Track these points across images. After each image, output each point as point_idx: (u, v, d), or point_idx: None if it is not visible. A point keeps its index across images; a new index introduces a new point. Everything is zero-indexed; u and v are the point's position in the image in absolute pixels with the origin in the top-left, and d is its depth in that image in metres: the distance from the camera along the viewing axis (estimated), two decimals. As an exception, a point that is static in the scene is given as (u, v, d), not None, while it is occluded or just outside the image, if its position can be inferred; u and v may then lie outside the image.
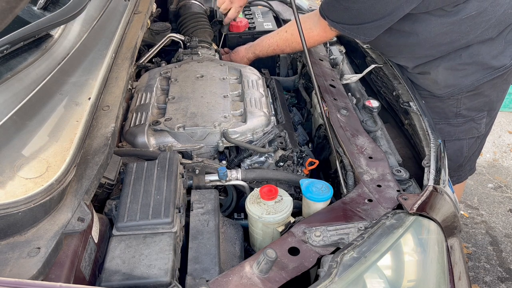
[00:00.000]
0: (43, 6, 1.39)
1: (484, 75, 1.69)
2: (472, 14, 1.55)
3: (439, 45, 1.64)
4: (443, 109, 1.80)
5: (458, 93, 1.74)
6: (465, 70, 1.69)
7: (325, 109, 1.50)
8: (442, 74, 1.71)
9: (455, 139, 1.87)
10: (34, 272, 0.84)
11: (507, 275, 2.46)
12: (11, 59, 1.19)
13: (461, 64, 1.67)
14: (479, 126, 1.86)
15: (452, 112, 1.80)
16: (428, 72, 1.74)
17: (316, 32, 1.77)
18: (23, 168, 0.96)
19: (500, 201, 2.96)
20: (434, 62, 1.70)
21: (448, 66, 1.69)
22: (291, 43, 1.87)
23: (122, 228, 1.07)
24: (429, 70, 1.73)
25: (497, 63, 1.67)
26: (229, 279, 0.95)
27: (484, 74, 1.69)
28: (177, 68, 1.78)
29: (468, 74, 1.69)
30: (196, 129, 1.44)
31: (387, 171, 1.28)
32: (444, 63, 1.69)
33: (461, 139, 1.88)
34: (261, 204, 1.18)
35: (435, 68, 1.71)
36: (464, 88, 1.73)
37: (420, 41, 1.64)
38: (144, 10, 1.83)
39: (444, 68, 1.70)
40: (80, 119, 1.12)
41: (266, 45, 1.95)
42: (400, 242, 1.04)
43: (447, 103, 1.78)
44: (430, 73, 1.73)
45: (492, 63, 1.67)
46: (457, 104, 1.78)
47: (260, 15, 2.33)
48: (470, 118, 1.82)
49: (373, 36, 1.64)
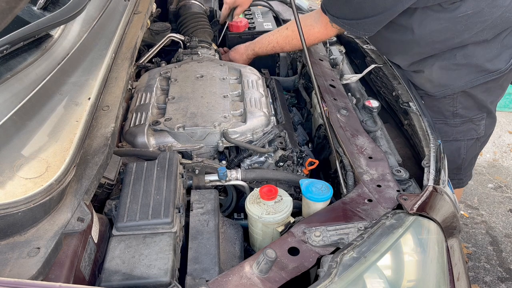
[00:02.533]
0: (43, 6, 1.39)
1: (477, 77, 1.68)
2: (468, 13, 1.54)
3: (434, 42, 1.64)
4: (440, 108, 1.79)
5: (451, 93, 1.74)
6: (459, 71, 1.68)
7: (325, 109, 1.50)
8: (436, 73, 1.71)
9: (452, 139, 1.85)
10: (34, 272, 0.84)
11: (507, 275, 2.46)
12: (11, 59, 1.19)
13: (455, 64, 1.66)
14: (478, 127, 1.84)
15: (449, 112, 1.79)
16: (422, 70, 1.74)
17: (317, 29, 1.77)
18: (22, 168, 0.96)
19: (500, 201, 2.96)
20: (429, 61, 1.70)
21: (442, 66, 1.68)
22: (291, 40, 1.87)
23: (122, 228, 1.07)
24: (423, 68, 1.73)
25: (492, 66, 1.66)
26: (229, 279, 0.95)
27: (478, 76, 1.68)
28: (177, 68, 1.78)
29: (461, 75, 1.68)
30: (196, 129, 1.44)
31: (387, 171, 1.28)
32: (439, 62, 1.68)
33: (459, 140, 1.86)
34: (261, 204, 1.18)
35: (429, 66, 1.71)
36: (457, 89, 1.71)
37: (415, 38, 1.64)
38: (144, 10, 1.83)
39: (438, 67, 1.69)
40: (79, 119, 1.12)
41: (266, 42, 1.95)
42: (400, 242, 1.04)
43: (443, 102, 1.77)
44: (424, 71, 1.73)
45: (486, 66, 1.66)
46: (453, 103, 1.77)
47: (260, 15, 2.33)
48: (468, 118, 1.81)
49: (372, 32, 1.63)
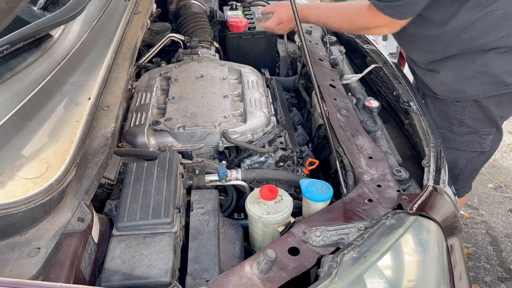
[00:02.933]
0: (43, 6, 1.39)
1: (492, 88, 1.63)
2: (498, 12, 1.51)
3: (458, 40, 1.60)
4: (447, 113, 1.75)
5: (463, 100, 1.69)
6: (475, 79, 1.63)
7: (325, 109, 1.50)
8: (451, 77, 1.67)
9: (454, 148, 1.81)
10: (34, 272, 0.84)
11: (507, 275, 2.46)
12: (11, 59, 1.19)
13: (473, 70, 1.62)
14: (483, 141, 1.78)
15: (455, 119, 1.74)
16: (438, 71, 1.70)
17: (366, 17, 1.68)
18: (23, 168, 0.96)
19: (500, 201, 2.96)
20: (448, 63, 1.66)
21: (459, 70, 1.65)
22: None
23: (122, 228, 1.07)
24: (440, 69, 1.69)
25: (510, 79, 1.61)
26: (229, 279, 0.95)
27: (493, 87, 1.63)
28: (177, 68, 1.78)
29: (477, 83, 1.64)
30: (196, 129, 1.44)
31: (387, 171, 1.28)
32: (457, 66, 1.65)
33: (460, 150, 1.81)
34: (261, 204, 1.18)
35: (447, 68, 1.67)
36: (469, 97, 1.67)
37: (439, 34, 1.60)
38: (144, 10, 1.83)
39: (455, 71, 1.65)
40: (80, 119, 1.12)
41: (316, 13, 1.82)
42: (400, 242, 1.04)
43: (451, 108, 1.73)
44: (440, 72, 1.69)
45: (504, 78, 1.61)
46: (462, 111, 1.72)
47: (260, 15, 2.33)
48: (474, 130, 1.75)
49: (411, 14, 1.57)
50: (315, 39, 2.09)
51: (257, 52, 2.21)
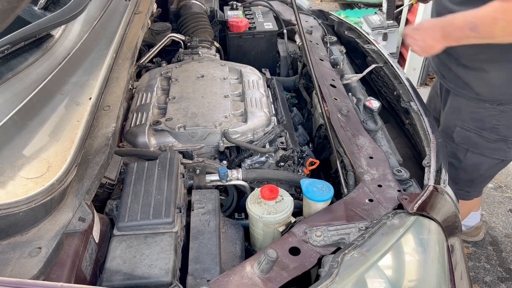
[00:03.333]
0: (44, 6, 1.39)
1: None
2: None
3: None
4: (482, 117, 1.66)
5: (506, 104, 1.60)
6: None
7: (325, 109, 1.50)
8: (502, 78, 1.57)
9: (479, 153, 1.74)
10: (35, 272, 0.84)
11: (507, 275, 2.46)
12: (12, 59, 1.19)
13: None
14: (509, 150, 1.72)
15: (489, 124, 1.66)
16: (486, 70, 1.59)
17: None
18: (24, 168, 0.96)
19: (500, 201, 2.96)
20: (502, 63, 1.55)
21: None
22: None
23: (123, 228, 1.07)
24: (489, 68, 1.58)
25: None
26: (230, 279, 0.95)
27: None
28: (177, 68, 1.78)
29: None
30: (196, 129, 1.44)
31: (388, 171, 1.28)
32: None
33: (485, 156, 1.75)
34: (262, 204, 1.18)
35: (498, 69, 1.57)
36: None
37: None
38: (144, 10, 1.83)
39: (509, 72, 1.56)
40: (81, 119, 1.13)
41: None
42: (400, 242, 1.04)
43: (489, 111, 1.64)
44: (489, 72, 1.58)
45: None
46: (499, 117, 1.64)
47: (261, 15, 2.33)
48: (504, 138, 1.68)
49: None
50: (315, 39, 2.09)
51: (258, 52, 2.21)
